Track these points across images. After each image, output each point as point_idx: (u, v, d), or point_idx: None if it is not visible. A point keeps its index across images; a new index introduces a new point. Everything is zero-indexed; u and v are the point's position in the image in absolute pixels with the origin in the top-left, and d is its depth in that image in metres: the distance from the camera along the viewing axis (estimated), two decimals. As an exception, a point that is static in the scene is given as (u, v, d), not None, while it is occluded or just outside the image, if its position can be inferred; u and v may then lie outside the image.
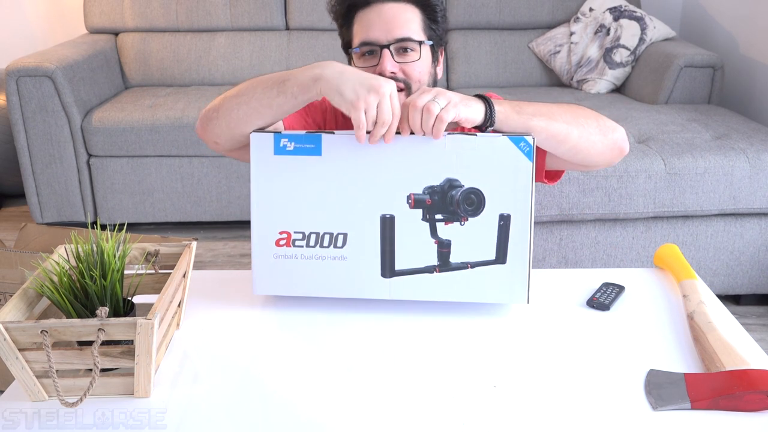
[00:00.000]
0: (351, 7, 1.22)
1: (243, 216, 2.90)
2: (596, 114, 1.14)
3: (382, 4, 1.19)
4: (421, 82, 1.21)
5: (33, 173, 2.81)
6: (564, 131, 1.07)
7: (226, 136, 1.10)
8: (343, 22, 1.25)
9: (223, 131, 1.10)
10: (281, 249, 1.03)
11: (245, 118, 1.06)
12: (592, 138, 1.10)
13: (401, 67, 1.19)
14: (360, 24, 1.21)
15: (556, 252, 2.20)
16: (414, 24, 1.20)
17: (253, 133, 1.01)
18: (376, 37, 1.19)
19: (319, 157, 0.99)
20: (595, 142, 1.11)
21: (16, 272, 1.60)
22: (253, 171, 1.01)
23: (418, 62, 1.20)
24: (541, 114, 1.05)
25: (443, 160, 0.98)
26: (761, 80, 2.79)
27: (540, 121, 1.04)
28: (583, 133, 1.09)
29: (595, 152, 1.12)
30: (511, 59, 3.24)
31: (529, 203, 0.98)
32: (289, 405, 0.85)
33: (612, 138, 1.13)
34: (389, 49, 1.18)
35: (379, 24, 1.19)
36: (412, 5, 1.21)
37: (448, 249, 1.01)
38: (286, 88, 1.02)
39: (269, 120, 1.07)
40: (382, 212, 1.00)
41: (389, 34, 1.18)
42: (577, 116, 1.10)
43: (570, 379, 0.89)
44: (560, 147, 1.08)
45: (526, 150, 0.96)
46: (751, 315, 2.29)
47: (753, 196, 2.12)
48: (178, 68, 3.24)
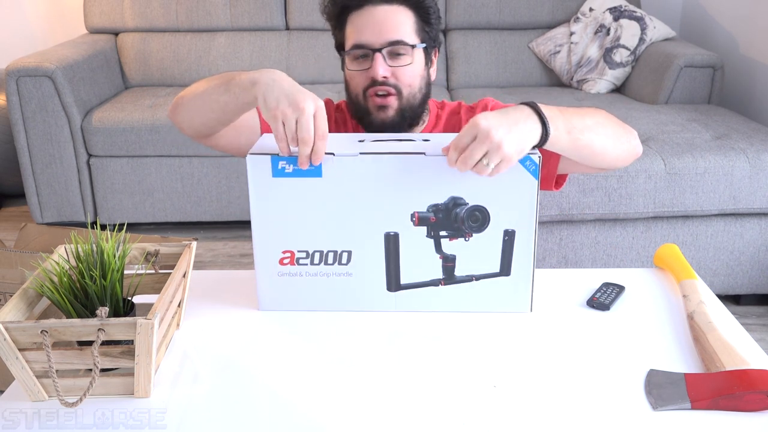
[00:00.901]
0: (344, 9, 1.21)
1: (243, 216, 2.90)
2: (615, 118, 1.14)
3: (374, 7, 1.18)
4: (413, 86, 1.21)
5: (33, 173, 2.81)
6: (602, 144, 1.07)
7: (187, 123, 1.17)
8: (336, 23, 1.24)
9: (185, 119, 1.17)
10: (285, 267, 1.03)
11: (201, 111, 1.12)
12: (621, 146, 1.11)
13: (393, 71, 1.19)
14: (352, 26, 1.20)
15: (556, 252, 2.20)
16: (407, 26, 1.19)
17: (250, 155, 0.97)
18: (368, 40, 1.18)
19: (320, 178, 0.97)
20: (622, 150, 1.12)
21: (16, 272, 1.60)
22: (252, 193, 0.99)
23: (411, 66, 1.20)
24: (587, 128, 1.04)
25: (447, 179, 0.97)
26: (761, 80, 2.79)
27: (586, 137, 1.03)
28: (615, 142, 1.10)
29: (620, 160, 1.13)
30: (511, 59, 3.24)
31: (533, 219, 0.98)
32: (290, 405, 0.85)
33: (634, 144, 1.14)
34: (381, 53, 1.17)
35: (372, 26, 1.18)
36: (404, 7, 1.19)
37: (453, 263, 1.01)
38: (230, 87, 1.05)
39: (220, 116, 1.10)
40: (386, 230, 1.00)
41: (381, 37, 1.17)
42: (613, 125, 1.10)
43: (570, 379, 0.89)
44: (595, 158, 1.08)
45: (532, 168, 0.96)
46: (751, 315, 2.29)
47: (753, 196, 2.12)
48: (178, 68, 3.24)
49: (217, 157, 2.81)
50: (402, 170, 0.96)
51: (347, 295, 1.03)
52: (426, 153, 0.96)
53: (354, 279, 1.02)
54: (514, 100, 2.86)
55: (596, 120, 1.07)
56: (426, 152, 0.96)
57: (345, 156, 0.96)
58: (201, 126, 1.15)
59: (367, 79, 1.20)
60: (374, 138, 1.05)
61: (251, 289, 1.07)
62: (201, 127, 1.16)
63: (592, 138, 1.04)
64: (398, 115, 1.21)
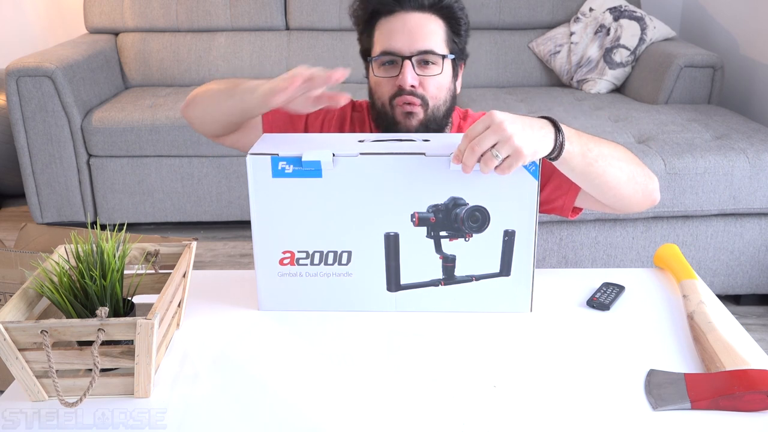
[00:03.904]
0: (374, 14, 1.19)
1: (243, 216, 2.90)
2: (638, 159, 1.11)
3: (406, 13, 1.16)
4: (438, 98, 1.19)
5: (33, 173, 2.81)
6: (616, 177, 1.04)
7: (198, 122, 1.24)
8: (364, 28, 1.22)
9: (197, 118, 1.23)
10: (285, 267, 1.03)
11: (210, 113, 1.19)
12: (635, 186, 1.08)
13: (421, 80, 1.17)
14: (382, 32, 1.18)
15: (556, 252, 2.20)
16: (438, 36, 1.17)
17: (250, 155, 0.97)
18: (398, 48, 1.16)
19: (320, 179, 0.97)
20: (635, 190, 1.09)
21: (16, 272, 1.60)
22: (252, 193, 0.99)
23: (439, 76, 1.18)
24: (602, 157, 1.01)
25: (447, 179, 0.96)
26: (761, 80, 2.79)
27: (600, 165, 1.01)
28: (629, 179, 1.07)
29: (633, 201, 1.10)
30: (511, 59, 3.24)
31: (534, 220, 0.98)
32: (290, 405, 0.85)
33: (651, 188, 1.12)
34: (411, 61, 1.15)
35: (403, 34, 1.16)
36: (436, 17, 1.18)
37: (453, 264, 1.01)
38: (236, 93, 1.11)
39: (227, 119, 1.17)
40: (386, 230, 0.99)
41: (412, 46, 1.15)
42: (630, 163, 1.07)
43: (570, 379, 0.89)
44: (607, 190, 1.06)
45: (532, 169, 0.95)
46: (751, 315, 2.29)
47: (753, 196, 2.12)
48: (178, 68, 3.24)
49: (217, 157, 2.81)
50: (402, 170, 0.96)
51: (347, 296, 1.03)
52: (426, 153, 0.96)
53: (354, 279, 1.02)
54: (515, 100, 2.87)
55: (614, 152, 1.05)
56: (426, 152, 0.96)
57: (345, 156, 0.96)
58: (210, 126, 1.22)
59: (394, 87, 1.18)
60: (374, 138, 1.05)
61: (251, 289, 1.07)
62: (210, 127, 1.23)
63: (605, 168, 1.02)
64: (422, 127, 1.19)
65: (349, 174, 0.97)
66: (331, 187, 0.98)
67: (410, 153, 0.96)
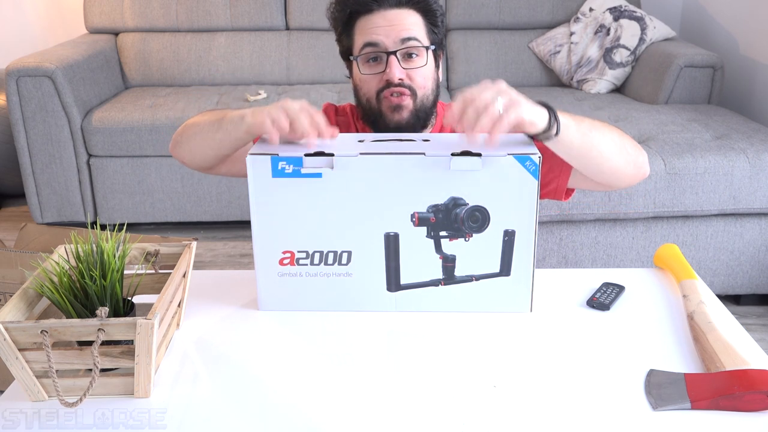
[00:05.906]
0: (353, 14, 1.20)
1: (243, 216, 2.90)
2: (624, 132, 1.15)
3: (385, 10, 1.18)
4: (426, 88, 1.21)
5: (33, 173, 2.81)
6: (609, 148, 1.08)
7: (188, 159, 1.22)
8: (344, 29, 1.23)
9: (186, 155, 1.21)
10: (285, 267, 1.03)
11: (199, 148, 1.17)
12: (627, 157, 1.12)
13: (408, 73, 1.19)
14: (362, 29, 1.20)
15: (556, 252, 2.20)
16: (418, 27, 1.19)
17: (250, 155, 0.97)
18: (381, 40, 1.17)
19: (320, 179, 0.97)
20: (627, 161, 1.13)
21: (16, 272, 1.60)
22: (252, 193, 0.99)
23: (424, 68, 1.20)
24: (595, 128, 1.07)
25: (447, 180, 0.96)
26: (761, 80, 2.79)
27: (594, 136, 1.06)
28: (621, 150, 1.11)
29: (627, 173, 1.14)
30: (511, 59, 3.24)
31: (533, 220, 0.98)
32: (289, 405, 0.85)
33: (641, 160, 1.16)
34: (396, 55, 1.17)
35: (383, 27, 1.17)
36: (413, 11, 1.20)
37: (453, 263, 1.01)
38: (223, 125, 1.10)
39: (217, 152, 1.15)
40: (386, 230, 0.99)
41: (396, 36, 1.17)
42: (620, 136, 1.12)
43: (570, 379, 0.89)
44: (602, 162, 1.09)
45: (532, 169, 0.95)
46: (751, 315, 2.29)
47: (753, 196, 2.12)
48: (178, 68, 3.24)
49: (217, 157, 2.81)
50: (402, 170, 0.96)
51: (347, 296, 1.03)
52: (426, 153, 0.96)
53: (354, 279, 1.02)
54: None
55: (601, 125, 1.09)
56: (426, 152, 0.96)
57: (345, 156, 0.96)
58: (201, 161, 1.21)
59: (381, 82, 1.19)
60: (374, 138, 1.05)
61: (251, 289, 1.07)
62: (202, 162, 1.21)
63: (599, 139, 1.07)
64: (413, 117, 1.20)
65: (349, 174, 0.97)
66: (331, 187, 0.98)
67: (410, 153, 0.96)
